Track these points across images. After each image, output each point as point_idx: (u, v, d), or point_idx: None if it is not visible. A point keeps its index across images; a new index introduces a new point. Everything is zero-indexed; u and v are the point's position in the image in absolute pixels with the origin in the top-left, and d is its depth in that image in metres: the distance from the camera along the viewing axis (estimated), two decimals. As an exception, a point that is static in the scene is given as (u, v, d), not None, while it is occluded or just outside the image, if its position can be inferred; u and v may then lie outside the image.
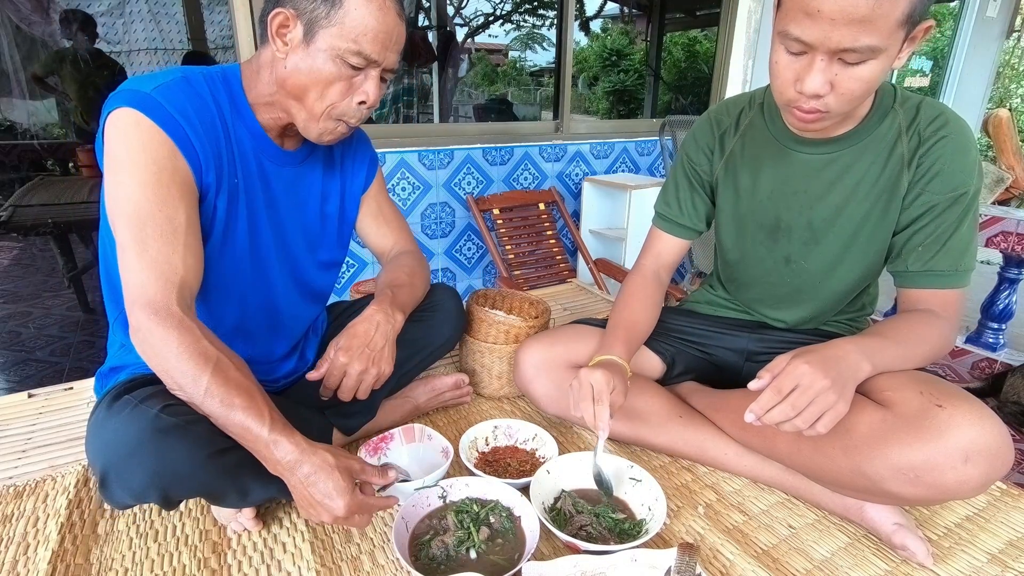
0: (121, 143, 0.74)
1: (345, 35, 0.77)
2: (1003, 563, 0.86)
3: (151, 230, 0.73)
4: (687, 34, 7.37)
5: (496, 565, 0.80)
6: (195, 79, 0.81)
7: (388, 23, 0.78)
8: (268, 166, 0.89)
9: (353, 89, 0.81)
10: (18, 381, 2.15)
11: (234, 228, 0.86)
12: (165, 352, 0.71)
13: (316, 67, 0.78)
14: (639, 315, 1.06)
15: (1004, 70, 5.57)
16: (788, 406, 0.77)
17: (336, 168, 1.00)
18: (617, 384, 0.89)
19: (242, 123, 0.85)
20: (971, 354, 2.12)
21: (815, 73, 0.75)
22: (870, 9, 0.68)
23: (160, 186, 0.74)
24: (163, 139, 0.75)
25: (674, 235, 1.13)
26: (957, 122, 0.87)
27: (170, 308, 0.72)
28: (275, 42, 0.79)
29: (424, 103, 4.72)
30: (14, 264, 2.96)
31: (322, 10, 0.76)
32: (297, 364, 1.05)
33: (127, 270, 0.73)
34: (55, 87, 2.80)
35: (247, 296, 0.92)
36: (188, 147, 0.77)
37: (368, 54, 0.78)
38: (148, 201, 0.73)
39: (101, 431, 0.75)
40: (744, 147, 1.03)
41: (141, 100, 0.74)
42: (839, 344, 0.82)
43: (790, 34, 0.74)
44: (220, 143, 0.82)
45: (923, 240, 0.90)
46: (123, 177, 0.74)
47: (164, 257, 0.73)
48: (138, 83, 0.76)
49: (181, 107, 0.77)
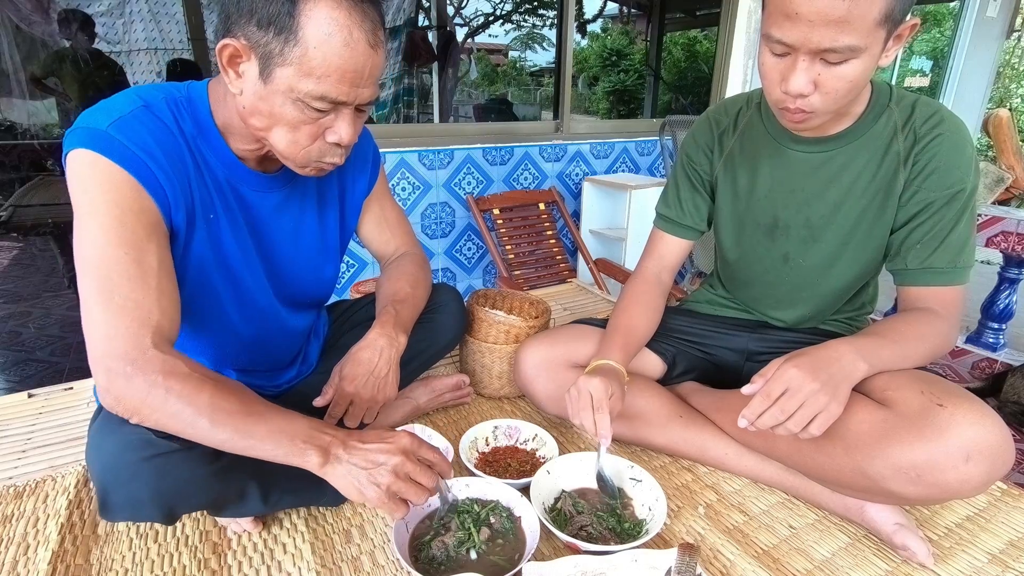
0: (79, 188, 0.67)
1: (305, 76, 0.65)
2: (1003, 563, 0.86)
3: (117, 275, 0.65)
4: (687, 34, 7.38)
5: (496, 565, 0.79)
6: (157, 106, 0.72)
7: (357, 59, 0.66)
8: (248, 194, 0.81)
9: (322, 129, 0.72)
10: (18, 381, 2.14)
11: (222, 259, 0.80)
12: (152, 403, 0.63)
13: (275, 110, 0.68)
14: (637, 320, 1.06)
15: (1004, 70, 5.58)
16: (778, 410, 0.78)
17: (332, 176, 0.93)
18: (615, 390, 0.89)
19: (212, 152, 0.77)
20: (971, 354, 2.12)
21: (798, 73, 0.77)
22: (846, 10, 0.70)
23: (124, 228, 0.67)
24: (125, 178, 0.67)
25: (676, 236, 1.13)
26: (953, 120, 0.88)
27: (146, 353, 0.64)
28: (227, 75, 0.69)
29: (424, 103, 4.72)
30: (14, 264, 2.95)
31: (275, 45, 0.65)
32: (300, 369, 1.05)
33: (90, 325, 0.65)
34: (54, 88, 2.80)
35: (244, 322, 0.88)
36: (154, 184, 0.69)
37: (334, 97, 0.67)
38: (111, 245, 0.66)
39: (100, 451, 0.70)
40: (742, 146, 1.03)
41: (97, 139, 0.67)
42: (834, 345, 0.82)
43: (772, 36, 0.77)
44: (190, 176, 0.74)
45: (921, 237, 0.90)
46: (86, 224, 0.67)
47: (133, 302, 0.65)
48: (93, 118, 0.68)
49: (142, 142, 0.68)
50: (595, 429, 0.87)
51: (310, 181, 0.90)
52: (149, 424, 0.66)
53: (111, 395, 0.65)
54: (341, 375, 0.89)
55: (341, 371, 0.89)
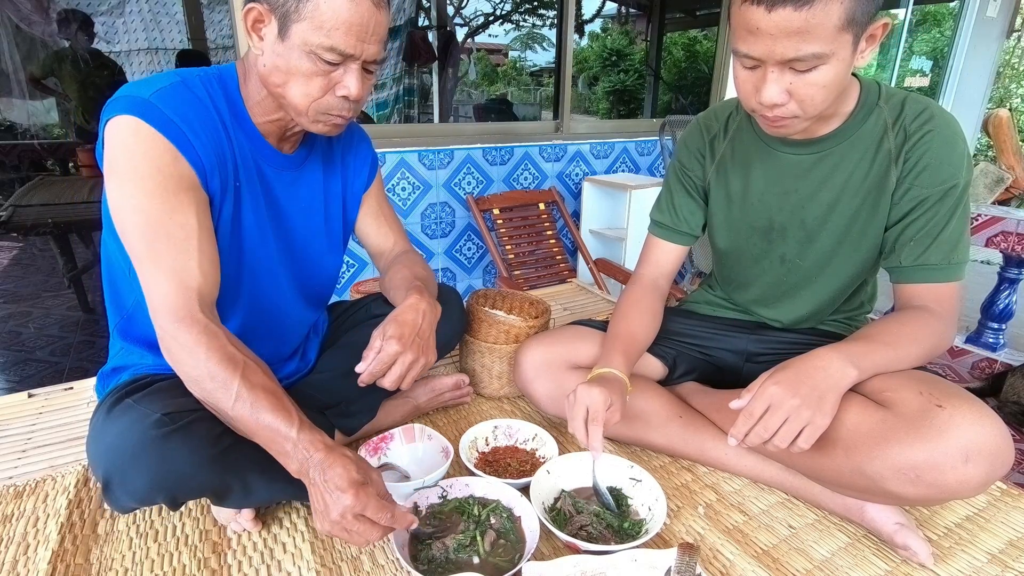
0: (122, 152, 0.72)
1: (316, 29, 0.73)
2: (1003, 563, 0.86)
3: (164, 240, 0.72)
4: (687, 34, 7.38)
5: (496, 566, 0.80)
6: (193, 83, 0.79)
7: (363, 14, 0.73)
8: (267, 170, 0.87)
9: (333, 83, 0.78)
10: (18, 381, 2.15)
11: (239, 233, 0.85)
12: (193, 358, 0.71)
13: (291, 64, 0.75)
14: (636, 327, 1.06)
15: (1004, 70, 5.58)
16: (762, 428, 0.79)
17: (337, 167, 0.99)
18: (615, 400, 0.89)
19: (240, 128, 0.83)
20: (971, 354, 2.12)
21: (769, 84, 0.79)
22: (804, 21, 0.71)
23: (168, 194, 0.73)
24: (165, 145, 0.73)
25: (671, 242, 1.13)
26: (943, 116, 0.88)
27: (194, 314, 0.72)
28: (251, 39, 0.77)
29: (424, 103, 4.73)
30: (14, 264, 2.96)
31: (292, 3, 0.73)
32: (299, 365, 1.05)
33: (146, 282, 0.73)
34: (53, 88, 2.80)
35: (252, 301, 0.91)
36: (191, 152, 0.75)
37: (342, 49, 0.74)
38: (157, 211, 0.72)
39: (102, 436, 0.74)
40: (734, 151, 1.04)
41: (140, 106, 0.72)
42: (821, 353, 0.83)
43: (740, 51, 0.79)
44: (223, 146, 0.80)
45: (914, 234, 0.90)
46: (128, 189, 0.72)
47: (180, 265, 0.73)
48: (135, 88, 0.74)
49: (181, 112, 0.75)
50: (587, 441, 0.87)
51: (318, 165, 0.95)
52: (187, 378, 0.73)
53: (163, 344, 0.73)
54: (385, 336, 0.86)
55: (384, 332, 0.87)
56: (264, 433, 0.70)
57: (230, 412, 0.71)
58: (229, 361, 0.71)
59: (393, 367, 0.86)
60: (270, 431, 0.70)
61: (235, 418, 0.71)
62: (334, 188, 0.99)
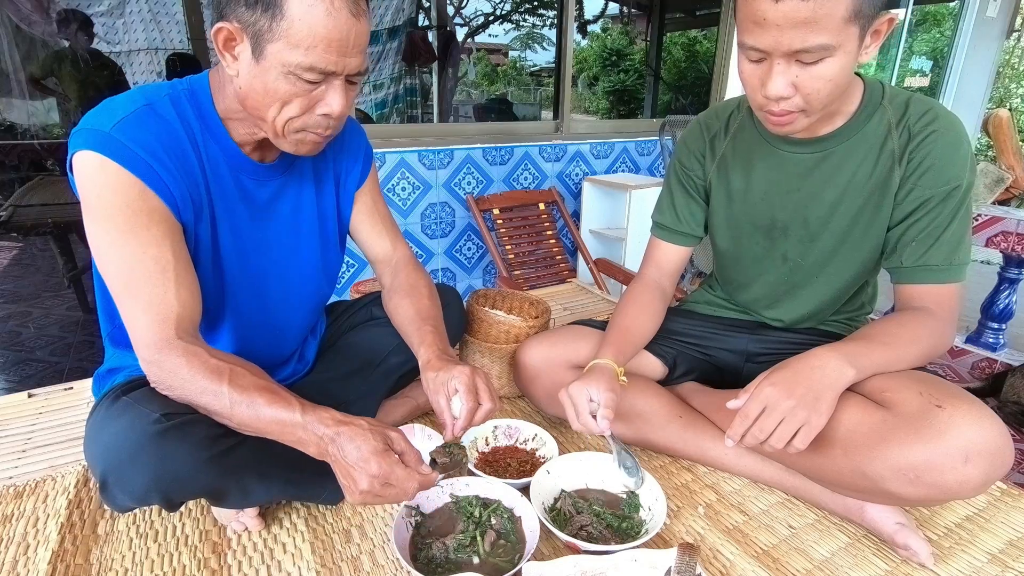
0: (91, 190, 0.71)
1: (293, 48, 0.68)
2: (1003, 563, 0.86)
3: (139, 275, 0.72)
4: (687, 34, 7.37)
5: (496, 566, 0.80)
6: (160, 103, 0.76)
7: (341, 27, 0.69)
8: (248, 183, 0.84)
9: (314, 102, 0.74)
10: (18, 381, 2.14)
11: (219, 253, 0.84)
12: (179, 380, 0.71)
13: (268, 86, 0.71)
14: (634, 320, 1.06)
15: (1004, 70, 5.57)
16: (757, 430, 0.79)
17: (328, 165, 0.95)
18: (601, 387, 0.90)
19: (215, 142, 0.80)
20: (971, 354, 2.12)
21: (775, 77, 0.78)
22: (811, 11, 0.71)
23: (139, 229, 0.72)
24: (132, 181, 0.71)
25: (673, 243, 1.13)
26: (947, 117, 0.88)
27: (171, 342, 0.72)
28: (224, 59, 0.73)
29: (424, 103, 4.73)
30: (14, 264, 2.95)
31: (264, 22, 0.68)
32: (296, 367, 1.05)
33: (126, 317, 0.74)
34: (53, 89, 2.80)
35: (243, 316, 0.90)
36: (159, 184, 0.73)
37: (323, 67, 0.70)
38: (131, 247, 0.72)
39: (100, 435, 0.74)
40: (735, 149, 1.04)
41: (102, 141, 0.70)
42: (819, 353, 0.83)
43: (746, 44, 0.79)
44: (194, 171, 0.78)
45: (916, 235, 0.90)
46: (102, 226, 0.72)
47: (157, 298, 0.72)
48: (96, 120, 0.72)
49: (145, 142, 0.72)
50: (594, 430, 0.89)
51: (307, 168, 0.92)
52: (181, 400, 0.73)
53: (151, 376, 0.74)
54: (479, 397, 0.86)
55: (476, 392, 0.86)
56: (272, 427, 0.70)
57: (233, 418, 0.71)
58: (214, 372, 0.71)
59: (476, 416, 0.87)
60: (277, 424, 0.70)
61: (240, 423, 0.71)
62: (327, 187, 0.96)
